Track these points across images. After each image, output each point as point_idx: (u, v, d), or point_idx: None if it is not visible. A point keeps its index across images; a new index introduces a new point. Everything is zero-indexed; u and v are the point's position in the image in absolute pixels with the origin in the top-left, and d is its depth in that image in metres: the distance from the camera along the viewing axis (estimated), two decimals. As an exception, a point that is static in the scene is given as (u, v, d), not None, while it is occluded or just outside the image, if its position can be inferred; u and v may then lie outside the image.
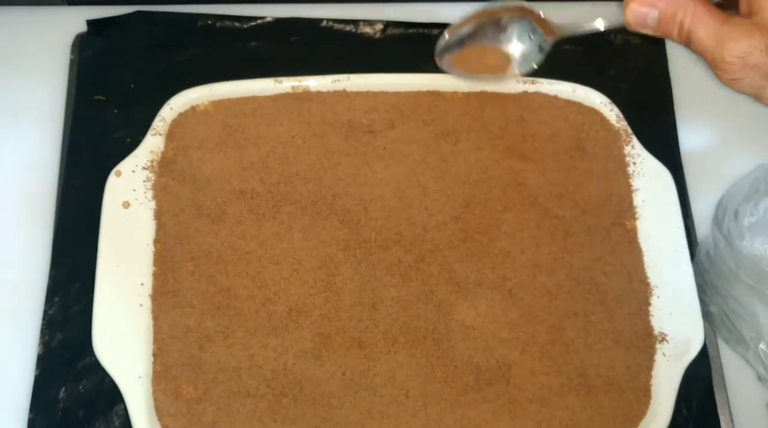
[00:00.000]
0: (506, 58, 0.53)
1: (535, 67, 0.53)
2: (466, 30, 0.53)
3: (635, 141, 0.58)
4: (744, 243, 0.50)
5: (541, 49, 0.53)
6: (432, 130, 0.57)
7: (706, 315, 0.54)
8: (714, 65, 0.45)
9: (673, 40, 0.48)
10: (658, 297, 0.53)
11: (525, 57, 0.54)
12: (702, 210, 0.58)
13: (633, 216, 0.56)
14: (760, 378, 0.53)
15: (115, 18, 0.61)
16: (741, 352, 0.53)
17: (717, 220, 0.54)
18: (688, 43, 0.46)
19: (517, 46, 0.53)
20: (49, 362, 0.51)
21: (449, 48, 0.53)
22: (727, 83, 0.46)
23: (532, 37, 0.52)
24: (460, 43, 0.53)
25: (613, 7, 0.64)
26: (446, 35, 0.53)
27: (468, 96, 0.58)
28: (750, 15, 0.44)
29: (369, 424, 0.49)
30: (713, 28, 0.44)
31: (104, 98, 0.59)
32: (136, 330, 0.51)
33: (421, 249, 0.54)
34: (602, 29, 0.50)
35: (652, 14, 0.46)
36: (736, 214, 0.52)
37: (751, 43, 0.43)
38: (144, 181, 0.55)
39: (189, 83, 0.57)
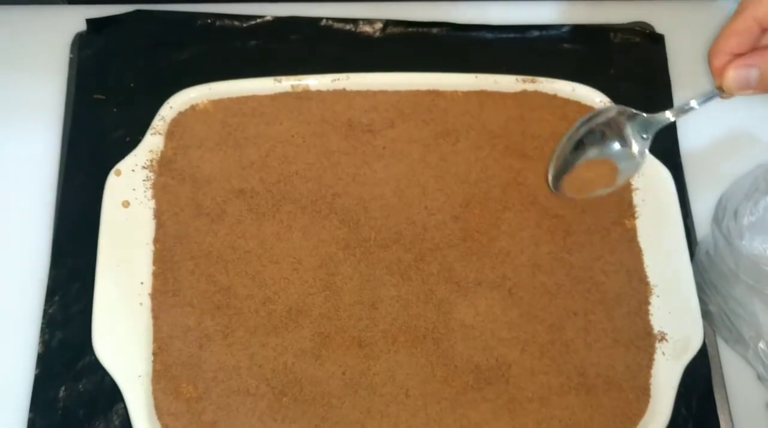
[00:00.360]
0: (612, 167, 0.52)
1: (641, 164, 0.51)
2: (570, 150, 0.52)
3: (635, 140, 0.58)
4: (744, 242, 0.50)
5: (644, 136, 0.51)
6: (432, 129, 0.57)
7: (706, 314, 0.54)
8: None
9: None
10: (658, 296, 0.53)
11: (633, 159, 0.51)
12: (702, 209, 0.58)
13: (633, 216, 0.56)
14: (759, 377, 0.53)
15: (115, 17, 0.61)
16: (740, 351, 0.53)
17: (717, 219, 0.54)
18: None
19: (624, 151, 0.51)
20: (49, 361, 0.52)
21: (559, 174, 0.52)
22: None
23: (644, 136, 0.50)
24: (568, 163, 0.52)
25: (618, 7, 0.65)
26: (553, 163, 0.52)
27: (468, 95, 0.58)
28: None
29: (369, 423, 0.49)
30: None
31: (104, 97, 0.59)
32: (136, 329, 0.51)
33: (421, 249, 0.54)
34: (697, 107, 0.48)
35: (753, 74, 0.45)
36: (735, 213, 0.52)
37: None
38: (144, 180, 0.55)
39: (188, 82, 0.57)
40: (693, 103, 0.48)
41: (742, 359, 0.54)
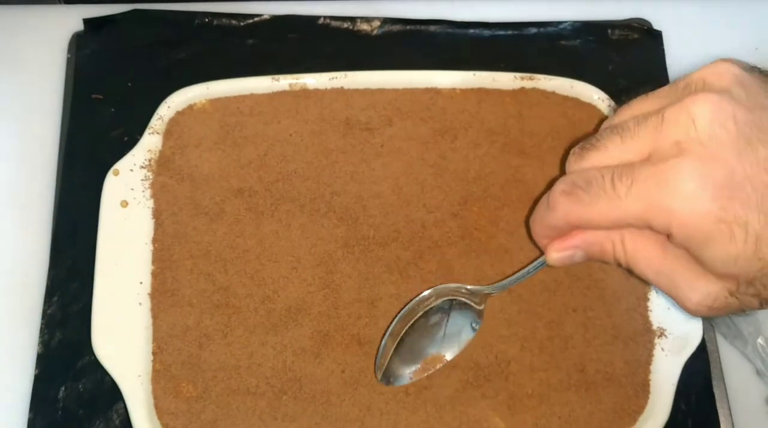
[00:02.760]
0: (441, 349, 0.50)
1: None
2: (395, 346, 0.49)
3: (633, 136, 0.58)
4: None
5: (475, 323, 0.50)
6: (430, 126, 0.57)
7: None
8: (676, 301, 0.39)
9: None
10: (657, 292, 0.53)
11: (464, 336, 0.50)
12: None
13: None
14: (758, 372, 0.53)
15: (112, 16, 0.61)
16: (739, 347, 0.53)
17: None
18: (631, 271, 0.41)
19: (456, 337, 0.50)
20: (49, 361, 0.52)
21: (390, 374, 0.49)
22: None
23: (463, 316, 0.49)
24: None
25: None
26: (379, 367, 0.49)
27: (466, 93, 0.58)
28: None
29: (368, 421, 0.49)
30: (657, 265, 0.39)
31: (101, 97, 0.59)
32: (135, 328, 0.51)
33: (420, 246, 0.54)
34: (530, 275, 0.46)
35: (577, 255, 0.42)
36: None
37: (711, 292, 0.38)
38: (142, 180, 0.55)
39: (186, 81, 0.57)
40: (524, 274, 0.47)
41: (741, 355, 0.54)
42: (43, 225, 0.56)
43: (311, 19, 0.63)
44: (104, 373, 0.50)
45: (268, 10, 0.63)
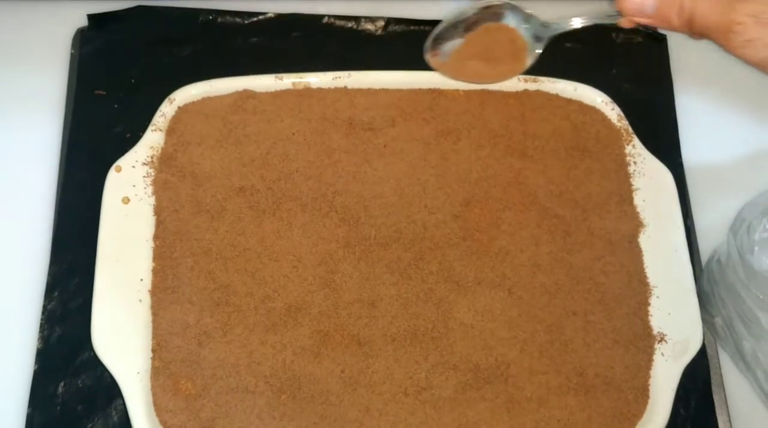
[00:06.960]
0: (516, 36, 0.53)
1: (539, 52, 0.53)
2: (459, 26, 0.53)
3: (636, 140, 0.58)
4: (753, 256, 0.49)
5: (538, 38, 0.53)
6: (433, 127, 0.57)
7: (710, 326, 0.53)
8: (724, 31, 0.43)
9: (672, 27, 0.46)
10: (658, 297, 0.53)
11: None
12: (702, 210, 0.58)
13: (633, 216, 0.56)
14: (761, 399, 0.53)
15: (116, 12, 0.61)
16: (741, 368, 0.53)
17: (734, 230, 0.53)
18: (690, 23, 0.45)
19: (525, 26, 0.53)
20: (48, 357, 0.51)
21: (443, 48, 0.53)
22: (739, 50, 0.44)
23: (527, 26, 0.52)
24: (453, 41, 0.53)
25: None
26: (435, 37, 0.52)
27: (469, 94, 0.58)
28: None
29: (367, 422, 0.49)
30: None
31: (105, 93, 0.59)
32: (135, 325, 0.51)
33: (421, 248, 0.54)
34: (590, 24, 0.49)
35: (648, 2, 0.45)
36: (749, 226, 0.51)
37: (763, 1, 0.42)
38: (144, 177, 0.55)
39: (190, 79, 0.57)
40: (582, 20, 0.50)
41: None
42: (45, 220, 0.56)
43: (315, 18, 0.63)
44: (103, 369, 0.50)
45: (272, 8, 0.63)
